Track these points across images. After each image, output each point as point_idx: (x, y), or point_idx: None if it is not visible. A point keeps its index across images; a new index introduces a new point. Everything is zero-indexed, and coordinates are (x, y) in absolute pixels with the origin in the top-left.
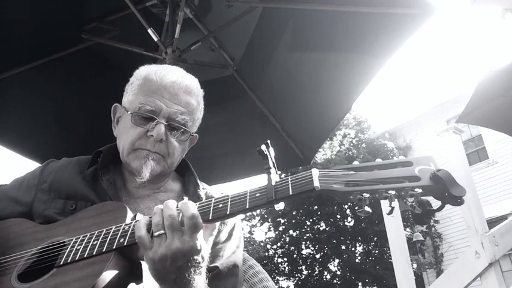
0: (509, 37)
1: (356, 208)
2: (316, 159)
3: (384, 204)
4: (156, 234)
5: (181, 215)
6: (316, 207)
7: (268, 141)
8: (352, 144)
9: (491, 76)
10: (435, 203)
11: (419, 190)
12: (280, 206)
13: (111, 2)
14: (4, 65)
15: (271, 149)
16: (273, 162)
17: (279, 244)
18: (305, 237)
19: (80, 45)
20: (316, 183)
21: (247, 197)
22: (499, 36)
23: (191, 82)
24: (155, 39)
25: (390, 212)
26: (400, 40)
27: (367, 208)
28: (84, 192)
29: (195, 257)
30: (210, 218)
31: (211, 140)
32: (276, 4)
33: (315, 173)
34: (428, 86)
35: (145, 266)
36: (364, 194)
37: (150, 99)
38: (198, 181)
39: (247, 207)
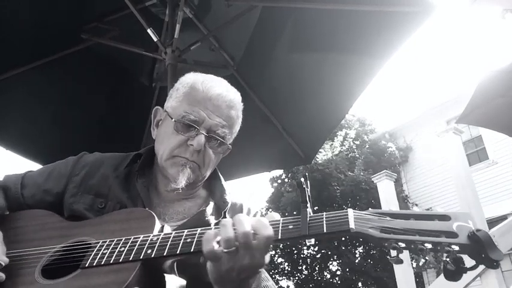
0: (509, 37)
1: (388, 256)
2: (317, 159)
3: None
4: (226, 251)
5: (252, 232)
6: (316, 207)
7: (307, 174)
8: (355, 146)
9: (491, 76)
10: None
11: (456, 247)
12: (311, 241)
13: (110, 1)
14: (4, 66)
15: (308, 183)
16: (309, 196)
17: (279, 244)
18: None
19: (80, 45)
20: (352, 225)
21: (280, 228)
22: (499, 36)
23: (235, 96)
24: (155, 39)
25: (424, 265)
26: (400, 39)
27: (400, 256)
28: (116, 192)
29: (259, 271)
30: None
31: None
32: (275, 3)
33: (351, 213)
34: (428, 86)
35: (168, 279)
36: (399, 243)
37: (195, 108)
38: (224, 185)
39: (279, 237)
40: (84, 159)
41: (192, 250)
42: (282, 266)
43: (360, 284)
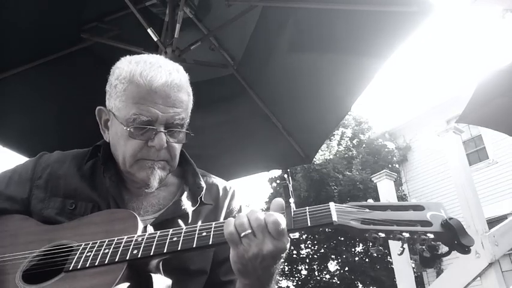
0: (509, 37)
1: (370, 245)
2: (315, 159)
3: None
4: (242, 234)
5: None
6: None
7: (289, 170)
8: (352, 145)
9: (491, 76)
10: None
11: (431, 235)
12: (295, 235)
13: (110, 1)
14: (3, 65)
15: (290, 178)
16: (291, 191)
17: None
18: (304, 237)
19: (80, 45)
20: (335, 218)
21: None
22: (499, 36)
23: (180, 77)
24: (155, 39)
25: (401, 253)
26: (399, 39)
27: (380, 247)
28: (85, 190)
29: (281, 256)
30: (210, 243)
31: (212, 138)
32: (275, 3)
33: (333, 207)
34: (428, 85)
35: (155, 279)
36: (379, 234)
37: (143, 107)
38: (196, 169)
39: None
40: (45, 159)
41: (179, 248)
42: (281, 267)
43: (359, 284)
